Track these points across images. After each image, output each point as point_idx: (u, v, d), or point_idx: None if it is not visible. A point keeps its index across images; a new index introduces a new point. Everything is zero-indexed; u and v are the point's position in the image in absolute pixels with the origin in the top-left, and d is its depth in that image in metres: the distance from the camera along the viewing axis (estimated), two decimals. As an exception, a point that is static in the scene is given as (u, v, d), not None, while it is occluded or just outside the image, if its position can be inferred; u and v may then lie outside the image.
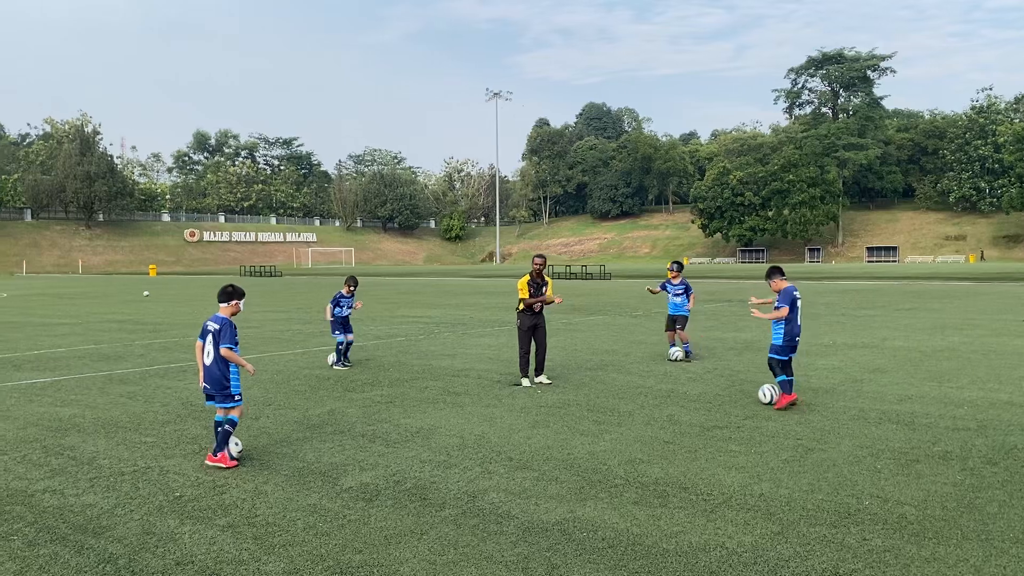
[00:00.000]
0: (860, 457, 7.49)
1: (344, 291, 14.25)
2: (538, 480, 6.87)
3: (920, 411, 9.54)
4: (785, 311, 9.74)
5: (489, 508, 6.14)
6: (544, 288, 11.80)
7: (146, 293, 41.41)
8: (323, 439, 8.50)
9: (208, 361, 7.57)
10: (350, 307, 14.28)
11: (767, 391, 10.06)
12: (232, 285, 8.07)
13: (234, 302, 7.83)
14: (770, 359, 9.98)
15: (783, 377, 9.84)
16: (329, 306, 14.19)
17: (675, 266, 14.46)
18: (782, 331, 9.82)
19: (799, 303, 9.96)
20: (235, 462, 7.51)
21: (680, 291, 14.29)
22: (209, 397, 7.66)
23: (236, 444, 7.65)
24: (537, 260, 11.91)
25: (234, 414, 7.56)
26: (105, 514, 6.14)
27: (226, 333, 7.52)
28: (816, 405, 10.00)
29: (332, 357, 14.13)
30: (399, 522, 5.86)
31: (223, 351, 7.47)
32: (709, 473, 7.03)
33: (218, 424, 7.55)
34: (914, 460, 7.37)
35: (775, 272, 10.15)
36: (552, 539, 5.49)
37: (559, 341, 17.32)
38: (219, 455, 7.48)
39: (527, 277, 11.74)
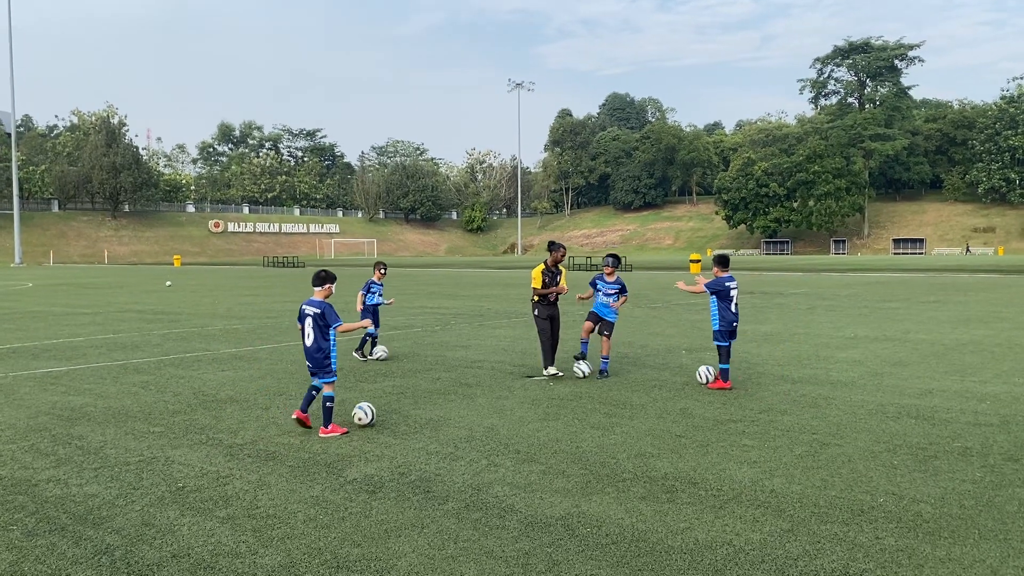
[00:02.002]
0: (876, 453, 7.30)
1: (375, 277, 13.90)
2: (544, 473, 6.75)
3: (941, 406, 9.32)
4: (702, 288, 10.77)
5: (493, 502, 6.03)
6: (559, 278, 11.59)
7: (168, 283, 41.71)
8: (331, 430, 8.43)
9: (309, 343, 8.29)
10: (381, 294, 13.95)
11: (703, 372, 10.99)
12: (325, 270, 8.67)
13: (327, 286, 8.51)
14: (716, 345, 10.86)
15: (725, 366, 10.68)
16: (361, 294, 13.86)
17: (610, 260, 11.90)
18: (717, 317, 10.76)
19: (733, 293, 10.76)
20: (345, 429, 8.26)
21: (614, 290, 11.77)
22: (313, 374, 8.39)
23: (367, 412, 8.49)
24: (560, 250, 11.52)
25: (328, 390, 8.28)
26: (106, 504, 6.09)
27: (330, 315, 8.23)
28: (834, 399, 9.80)
29: (379, 351, 13.63)
30: (400, 515, 5.76)
31: (339, 328, 8.24)
32: (720, 468, 6.87)
33: (313, 388, 8.39)
34: (932, 456, 7.17)
35: (720, 261, 10.99)
36: (555, 534, 5.37)
37: (576, 332, 17.15)
38: (330, 427, 8.19)
39: (542, 266, 11.52)
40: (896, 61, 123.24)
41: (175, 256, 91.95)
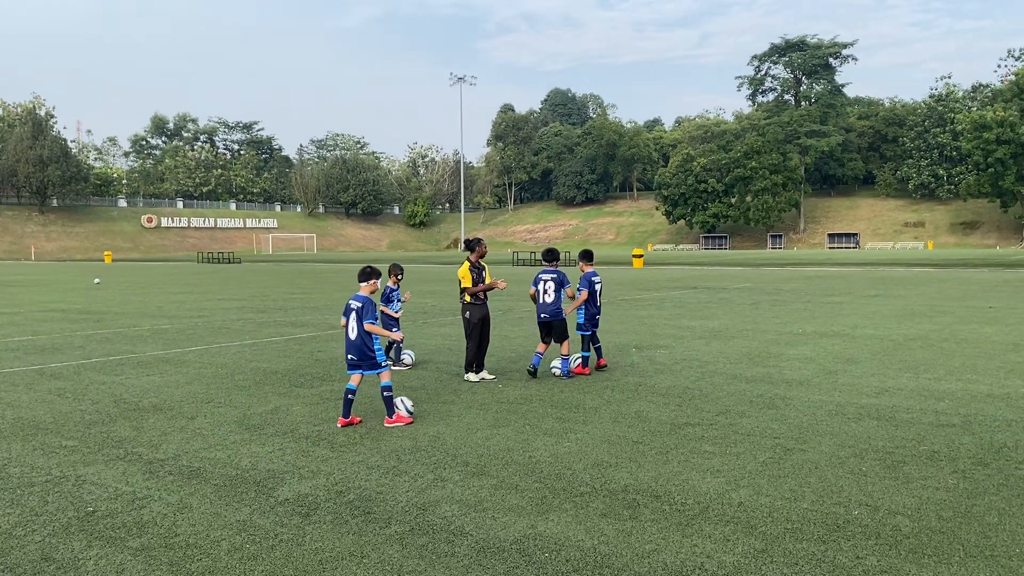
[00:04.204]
0: (843, 458, 6.96)
1: (391, 282, 12.29)
2: (496, 488, 6.23)
3: (900, 405, 9.06)
4: (585, 295, 11.27)
5: (440, 523, 5.49)
6: (483, 274, 11.04)
7: (97, 280, 40.06)
8: (262, 442, 7.78)
9: (353, 336, 8.39)
10: (400, 300, 12.46)
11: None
12: (370, 266, 8.87)
13: (372, 281, 8.68)
14: (580, 335, 11.46)
15: (586, 353, 11.38)
16: (383, 306, 11.96)
17: (544, 255, 11.64)
18: (583, 310, 11.35)
19: (598, 287, 11.56)
20: (411, 418, 8.38)
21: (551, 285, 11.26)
22: (353, 367, 8.43)
23: (404, 403, 8.47)
24: (483, 245, 11.02)
25: (385, 379, 8.42)
26: (2, 535, 5.38)
27: (368, 310, 8.39)
28: (791, 399, 9.49)
29: (408, 356, 12.37)
30: (337, 542, 5.18)
31: (367, 326, 8.32)
32: (682, 478, 6.44)
33: (349, 392, 8.36)
34: (900, 461, 6.85)
35: (586, 256, 11.72)
36: (509, 561, 4.85)
37: (522, 330, 16.72)
38: (394, 416, 8.31)
39: (467, 264, 10.88)
40: (830, 59, 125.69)
41: (106, 252, 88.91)
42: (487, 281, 11.00)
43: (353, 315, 8.40)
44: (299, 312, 21.73)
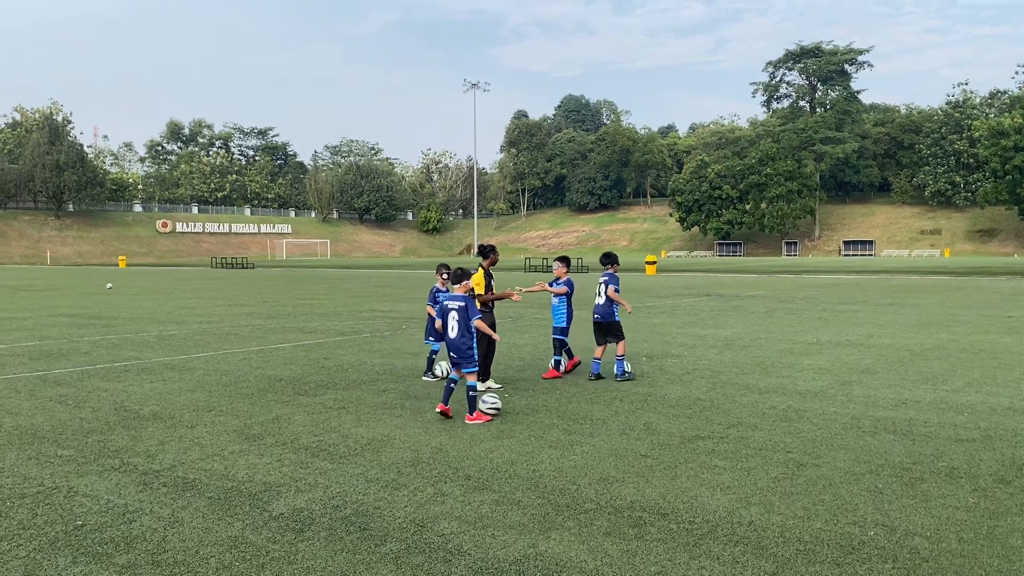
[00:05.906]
0: (859, 474, 6.70)
1: (439, 283, 11.60)
2: (497, 504, 6.02)
3: (918, 418, 8.79)
4: (565, 290, 11.59)
5: (438, 541, 5.28)
6: (491, 282, 10.90)
7: (109, 285, 40.14)
8: (261, 452, 7.60)
9: (454, 335, 8.88)
10: None
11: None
12: (461, 268, 9.46)
13: (465, 282, 9.29)
14: (559, 339, 11.64)
15: (558, 357, 11.65)
16: (429, 306, 11.55)
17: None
18: (565, 314, 11.62)
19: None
20: (489, 417, 8.84)
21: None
22: (455, 364, 8.98)
23: (490, 402, 8.99)
24: (495, 254, 11.12)
25: (472, 379, 8.87)
26: (-14, 550, 5.22)
27: (472, 309, 9.00)
28: (805, 411, 9.23)
29: (441, 366, 11.39)
30: (329, 560, 4.98)
31: (476, 323, 8.96)
32: (691, 495, 6.21)
33: (451, 382, 9.04)
34: (918, 478, 6.59)
35: (565, 261, 11.96)
36: (508, 583, 4.64)
37: (530, 338, 16.50)
38: (475, 414, 8.80)
39: (481, 271, 10.75)
40: (846, 65, 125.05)
41: (120, 257, 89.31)
42: (505, 291, 10.97)
43: (454, 314, 8.87)
44: (308, 318, 21.61)
